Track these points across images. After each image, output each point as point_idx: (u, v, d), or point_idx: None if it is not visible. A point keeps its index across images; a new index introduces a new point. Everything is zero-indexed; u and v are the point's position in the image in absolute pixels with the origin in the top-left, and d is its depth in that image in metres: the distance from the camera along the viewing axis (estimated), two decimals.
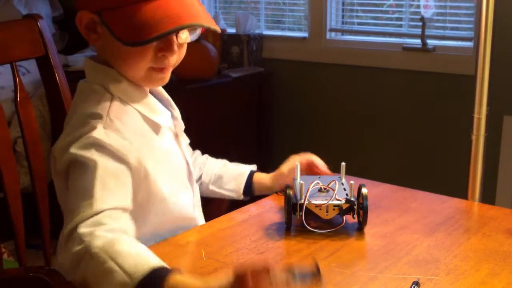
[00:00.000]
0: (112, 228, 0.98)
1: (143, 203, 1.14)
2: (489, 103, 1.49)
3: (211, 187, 1.41)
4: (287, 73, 3.10)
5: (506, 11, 2.42)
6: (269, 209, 1.36)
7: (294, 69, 3.09)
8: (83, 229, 0.97)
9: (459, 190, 1.56)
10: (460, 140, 1.85)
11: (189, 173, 1.28)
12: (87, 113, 1.11)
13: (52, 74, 1.47)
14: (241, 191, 1.40)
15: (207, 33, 3.14)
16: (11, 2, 3.21)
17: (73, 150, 1.06)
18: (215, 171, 1.42)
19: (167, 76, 1.18)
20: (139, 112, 1.17)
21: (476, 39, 1.75)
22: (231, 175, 1.41)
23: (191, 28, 1.13)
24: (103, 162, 1.05)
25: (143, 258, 0.94)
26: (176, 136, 1.27)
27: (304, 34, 3.07)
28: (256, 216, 1.33)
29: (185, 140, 1.30)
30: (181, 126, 1.29)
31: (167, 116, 1.24)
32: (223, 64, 3.07)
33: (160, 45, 1.12)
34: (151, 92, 1.24)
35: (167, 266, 0.93)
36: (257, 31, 3.15)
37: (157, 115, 1.20)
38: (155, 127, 1.19)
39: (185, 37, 1.15)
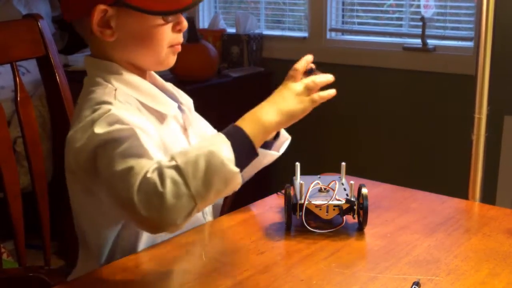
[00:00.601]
0: None
1: None
2: (489, 103, 1.49)
3: None
4: (287, 73, 3.09)
5: (506, 11, 2.42)
6: (269, 209, 1.35)
7: None
8: (153, 168, 0.96)
9: (459, 190, 1.56)
10: (460, 140, 1.85)
11: None
12: (94, 102, 1.11)
13: (52, 74, 1.47)
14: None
15: (207, 33, 3.14)
16: (11, 2, 3.21)
17: (97, 130, 1.04)
18: None
19: (176, 57, 1.21)
20: (141, 103, 1.17)
21: (476, 39, 1.75)
22: None
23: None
24: (136, 129, 1.04)
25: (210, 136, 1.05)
26: (185, 129, 1.26)
27: (304, 34, 3.07)
28: (256, 216, 1.33)
29: (196, 134, 1.29)
30: (189, 120, 1.27)
31: (173, 107, 1.23)
32: (223, 64, 3.07)
33: (175, 21, 1.16)
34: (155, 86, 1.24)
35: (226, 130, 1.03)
36: (257, 31, 3.15)
37: (161, 105, 1.19)
38: (159, 117, 1.19)
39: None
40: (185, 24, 1.18)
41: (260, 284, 1.04)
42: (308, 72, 1.30)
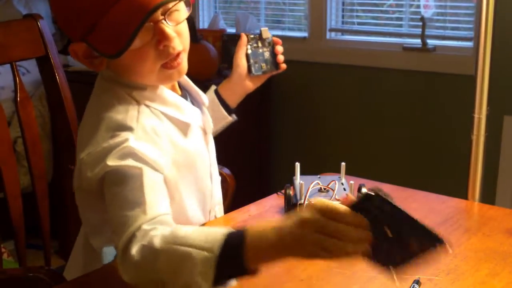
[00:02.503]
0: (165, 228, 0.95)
1: None
2: (489, 103, 1.49)
3: None
4: (287, 73, 3.10)
5: (506, 11, 2.42)
6: (269, 209, 1.35)
7: (294, 69, 3.08)
8: (138, 233, 0.94)
9: (459, 190, 1.56)
10: (460, 140, 1.85)
11: (211, 175, 1.25)
12: (114, 124, 1.07)
13: (52, 74, 1.48)
14: (228, 115, 1.41)
15: (207, 33, 3.14)
16: (11, 2, 3.21)
17: (110, 162, 1.02)
18: None
19: (182, 65, 1.12)
20: (166, 115, 1.13)
21: (476, 39, 1.75)
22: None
23: (166, 4, 1.04)
24: (146, 170, 1.02)
25: (209, 231, 0.91)
26: (205, 133, 1.23)
27: (304, 34, 3.07)
28: (256, 216, 1.33)
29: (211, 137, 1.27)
30: (209, 122, 1.24)
31: (197, 113, 1.20)
32: (223, 64, 3.07)
33: (156, 38, 1.06)
34: (180, 87, 1.21)
35: (235, 229, 0.89)
36: (257, 31, 3.15)
37: (186, 114, 1.16)
38: (184, 128, 1.16)
39: (177, 17, 1.08)
40: (169, 37, 1.06)
41: (260, 284, 1.03)
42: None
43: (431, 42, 2.71)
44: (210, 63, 2.88)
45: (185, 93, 1.23)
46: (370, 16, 3.00)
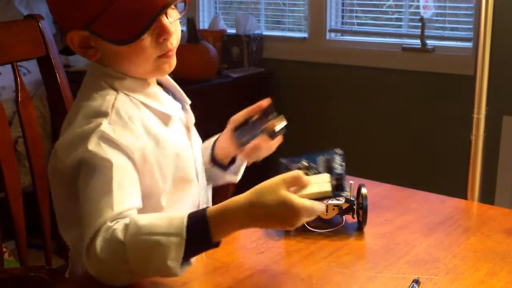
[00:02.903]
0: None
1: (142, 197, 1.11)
2: (488, 103, 1.50)
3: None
4: (287, 73, 3.10)
5: (505, 12, 2.43)
6: None
7: (294, 69, 3.10)
8: (103, 228, 0.96)
9: (459, 190, 1.57)
10: (459, 140, 1.85)
11: (196, 170, 1.25)
12: (91, 111, 1.09)
13: (53, 74, 1.48)
14: (213, 165, 1.32)
15: (207, 34, 3.15)
16: (12, 3, 3.22)
17: (84, 148, 1.04)
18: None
19: (173, 60, 1.17)
20: (146, 105, 1.15)
21: (476, 39, 1.76)
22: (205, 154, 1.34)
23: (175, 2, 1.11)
24: (116, 161, 1.03)
25: (171, 216, 0.95)
26: (188, 129, 1.25)
27: (304, 35, 3.08)
28: None
29: (196, 134, 1.29)
30: (192, 119, 1.27)
31: (177, 107, 1.22)
32: (223, 64, 3.08)
33: (156, 31, 1.11)
34: (162, 85, 1.24)
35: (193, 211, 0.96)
36: (257, 32, 3.16)
37: (166, 106, 1.19)
38: (165, 119, 1.18)
39: (174, 14, 1.14)
40: (169, 31, 1.12)
41: (260, 284, 1.04)
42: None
43: (430, 42, 2.71)
44: (210, 63, 2.89)
45: (167, 91, 1.25)
46: (370, 17, 3.00)
